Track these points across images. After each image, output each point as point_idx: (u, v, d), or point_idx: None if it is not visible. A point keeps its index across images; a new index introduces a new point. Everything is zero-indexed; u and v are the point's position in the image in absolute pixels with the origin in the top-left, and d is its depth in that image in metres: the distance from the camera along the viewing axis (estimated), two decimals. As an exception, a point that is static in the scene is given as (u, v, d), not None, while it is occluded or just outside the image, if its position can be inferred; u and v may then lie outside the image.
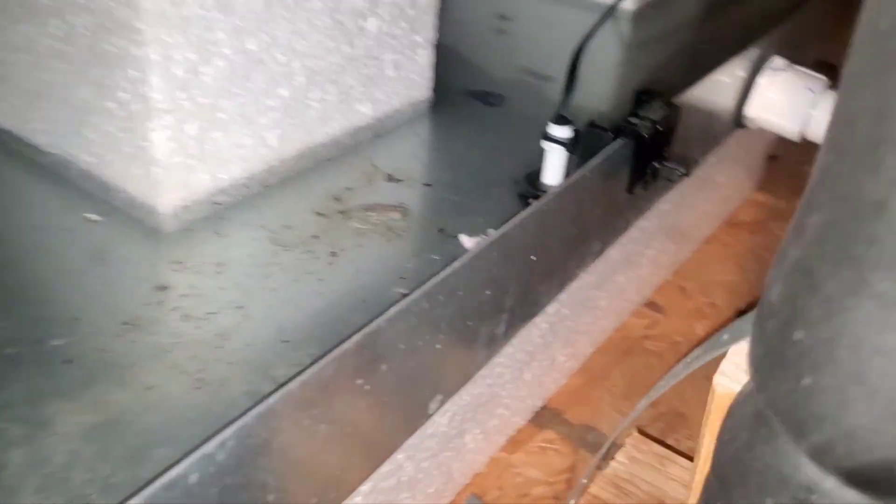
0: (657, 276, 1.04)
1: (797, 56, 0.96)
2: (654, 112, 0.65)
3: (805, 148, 1.10)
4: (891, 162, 0.32)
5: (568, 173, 0.72)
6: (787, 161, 1.41)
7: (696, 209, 1.06)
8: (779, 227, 1.32)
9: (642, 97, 0.68)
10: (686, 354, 0.90)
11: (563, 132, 0.69)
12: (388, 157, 0.78)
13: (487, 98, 0.91)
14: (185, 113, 0.60)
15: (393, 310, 0.45)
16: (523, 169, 0.77)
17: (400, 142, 0.81)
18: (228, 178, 0.67)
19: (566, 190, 0.57)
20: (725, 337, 0.52)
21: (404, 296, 0.51)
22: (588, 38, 0.69)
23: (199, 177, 0.64)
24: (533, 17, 1.13)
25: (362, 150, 0.78)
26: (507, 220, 0.69)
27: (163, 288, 0.59)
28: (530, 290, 0.60)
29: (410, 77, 0.82)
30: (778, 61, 0.90)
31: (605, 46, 0.96)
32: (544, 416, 0.92)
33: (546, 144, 0.70)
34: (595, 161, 0.60)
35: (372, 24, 0.74)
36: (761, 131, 1.06)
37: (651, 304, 1.13)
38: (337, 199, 0.71)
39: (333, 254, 0.65)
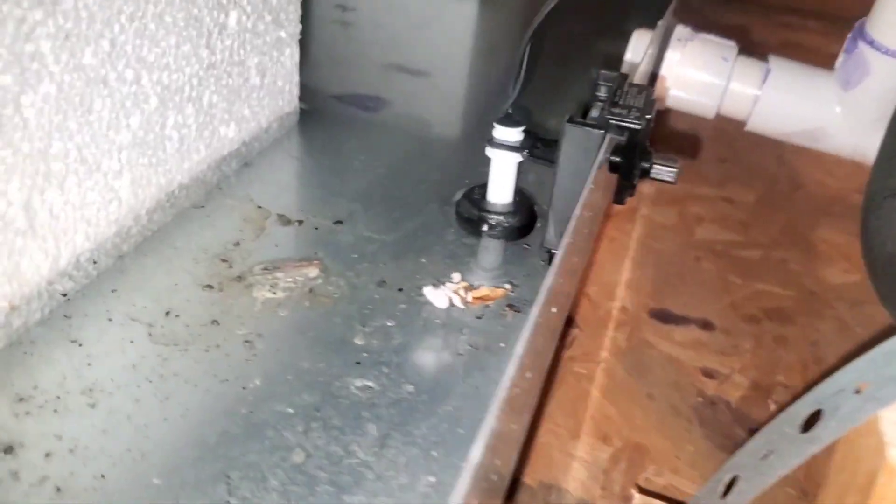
0: (564, 287, 0.91)
1: (688, 18, 0.85)
2: (634, 98, 0.51)
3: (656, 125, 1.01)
4: None
5: (520, 187, 0.56)
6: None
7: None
8: (655, 212, 1.24)
9: (602, 82, 0.53)
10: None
11: (515, 135, 0.53)
12: (270, 192, 0.59)
13: (363, 102, 0.73)
14: (3, 169, 0.39)
15: (474, 458, 0.27)
16: (449, 185, 0.61)
17: (276, 169, 0.62)
18: (72, 254, 0.45)
19: (585, 211, 0.42)
20: None
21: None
22: (539, 24, 0.53)
23: (33, 259, 0.42)
24: (374, 5, 0.97)
25: (233, 187, 0.59)
26: (454, 257, 0.53)
27: (9, 450, 0.37)
28: (550, 354, 0.44)
29: (277, 84, 0.63)
30: (682, 30, 0.79)
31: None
32: (497, 484, 0.75)
33: (493, 152, 0.54)
34: (595, 168, 0.45)
35: (233, 19, 0.55)
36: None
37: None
38: (225, 260, 0.52)
39: (249, 342, 0.45)
